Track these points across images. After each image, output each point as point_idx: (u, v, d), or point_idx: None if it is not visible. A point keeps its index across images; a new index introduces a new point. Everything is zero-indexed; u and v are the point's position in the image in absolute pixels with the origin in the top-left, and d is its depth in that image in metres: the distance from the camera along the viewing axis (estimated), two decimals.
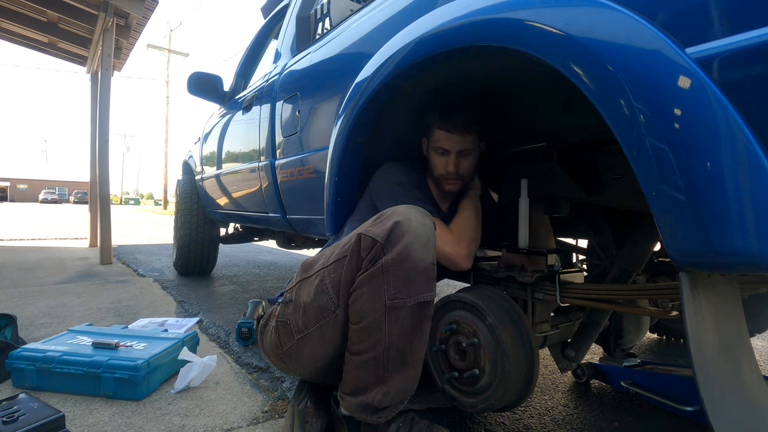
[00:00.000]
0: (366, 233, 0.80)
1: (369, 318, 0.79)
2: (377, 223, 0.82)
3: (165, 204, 23.10)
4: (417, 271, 0.78)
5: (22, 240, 5.38)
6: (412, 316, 0.79)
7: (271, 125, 1.76)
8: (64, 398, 1.12)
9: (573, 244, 1.42)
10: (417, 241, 0.78)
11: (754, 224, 0.46)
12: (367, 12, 1.24)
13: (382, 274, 0.77)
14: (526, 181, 1.09)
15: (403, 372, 0.81)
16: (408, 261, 0.77)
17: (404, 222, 0.79)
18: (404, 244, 0.77)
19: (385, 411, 0.83)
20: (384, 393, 0.81)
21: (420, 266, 0.78)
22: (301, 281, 0.92)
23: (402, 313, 0.78)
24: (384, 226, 0.79)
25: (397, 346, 0.79)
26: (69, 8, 3.95)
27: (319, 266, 0.89)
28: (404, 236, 0.77)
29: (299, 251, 4.24)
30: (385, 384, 0.81)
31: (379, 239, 0.78)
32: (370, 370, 0.81)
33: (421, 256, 0.78)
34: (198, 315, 2.00)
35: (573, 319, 1.15)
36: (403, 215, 0.80)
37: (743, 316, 0.63)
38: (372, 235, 0.79)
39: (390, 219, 0.80)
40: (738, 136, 0.46)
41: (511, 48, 0.69)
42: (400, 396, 0.83)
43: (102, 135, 3.66)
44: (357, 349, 0.82)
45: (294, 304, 0.91)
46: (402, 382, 0.82)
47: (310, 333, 0.87)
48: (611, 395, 1.24)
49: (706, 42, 0.48)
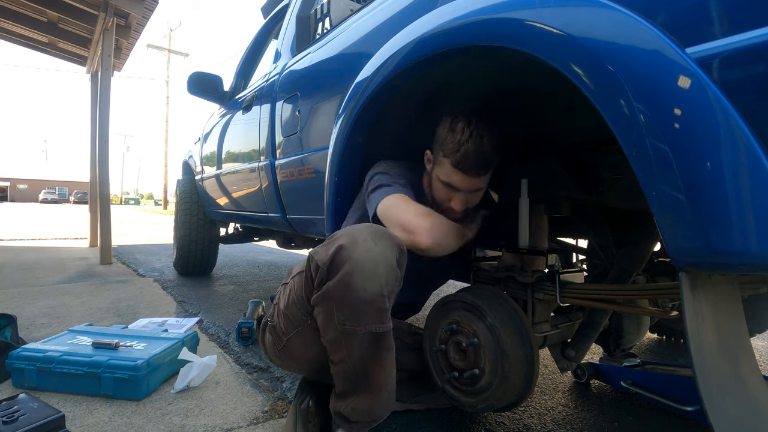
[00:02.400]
0: (313, 255, 0.78)
1: (329, 335, 0.79)
2: (325, 245, 0.79)
3: (165, 204, 23.09)
4: (360, 301, 0.73)
5: (22, 240, 5.38)
6: (368, 344, 0.77)
7: (271, 125, 1.76)
8: (64, 398, 1.12)
9: (573, 244, 1.42)
10: (359, 269, 0.72)
11: (754, 224, 0.46)
12: (367, 12, 1.24)
13: (329, 299, 0.76)
14: (526, 181, 1.08)
15: (367, 394, 0.81)
16: (349, 291, 0.73)
17: (347, 247, 0.74)
18: (344, 272, 0.73)
19: (355, 425, 0.83)
20: (352, 408, 0.81)
21: (363, 296, 0.73)
22: (283, 285, 0.94)
23: (355, 339, 0.76)
24: (329, 249, 0.76)
25: (359, 368, 0.79)
26: (69, 8, 3.95)
27: (293, 273, 0.91)
28: (345, 263, 0.73)
29: (299, 251, 4.24)
30: (354, 399, 0.81)
31: (320, 264, 0.75)
32: (345, 380, 0.82)
33: (363, 286, 0.72)
34: (198, 315, 2.00)
35: (573, 319, 1.15)
36: (348, 239, 0.75)
37: (743, 316, 0.63)
38: (317, 258, 0.77)
39: (335, 243, 0.76)
40: (738, 136, 0.46)
41: (511, 48, 0.69)
42: (366, 416, 0.82)
43: (102, 135, 3.66)
44: (332, 359, 0.83)
45: (277, 308, 0.93)
46: (366, 403, 0.81)
47: (292, 337, 0.89)
48: (611, 395, 1.24)
49: (706, 42, 0.48)
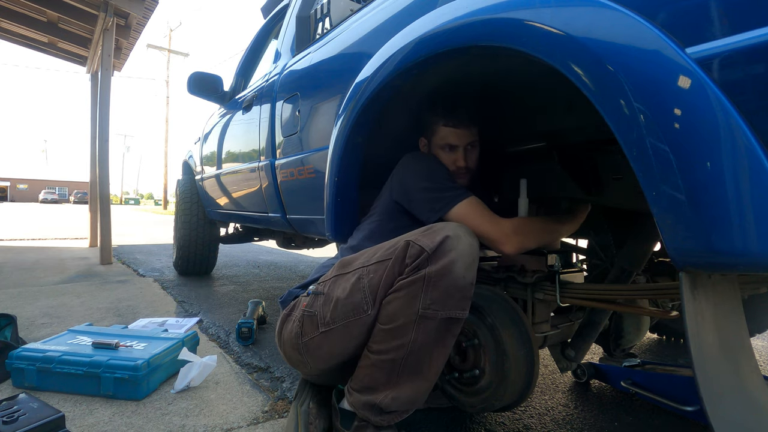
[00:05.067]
0: (415, 241, 0.82)
1: (398, 321, 0.81)
2: (427, 234, 0.83)
3: (165, 204, 23.08)
4: (456, 288, 0.79)
5: (22, 240, 5.38)
6: (438, 329, 0.81)
7: (271, 125, 1.76)
8: (64, 398, 1.12)
9: (573, 244, 1.42)
10: (462, 258, 0.80)
11: (754, 224, 0.46)
12: (367, 12, 1.24)
13: (422, 282, 0.79)
14: (526, 181, 1.09)
15: (416, 381, 0.83)
16: (450, 276, 0.78)
17: (454, 238, 0.80)
18: (450, 259, 0.79)
19: (390, 415, 0.84)
20: (393, 397, 0.83)
21: (460, 283, 0.79)
22: (337, 277, 0.92)
23: (431, 324, 0.80)
24: (434, 238, 0.81)
25: (417, 354, 0.81)
26: (69, 8, 3.95)
27: (359, 264, 0.89)
28: (452, 251, 0.79)
29: (299, 251, 4.24)
30: (396, 389, 0.83)
31: (427, 249, 0.80)
32: (384, 371, 0.83)
33: (463, 274, 0.79)
34: (198, 315, 2.00)
35: (573, 319, 1.15)
36: (453, 231, 0.82)
37: (743, 316, 0.63)
38: (421, 244, 0.81)
39: (441, 232, 0.82)
40: (738, 136, 0.46)
41: (511, 48, 0.69)
42: (408, 404, 0.85)
43: (102, 135, 3.66)
44: (378, 348, 0.83)
45: (325, 297, 0.91)
46: (413, 391, 0.83)
47: (336, 328, 0.87)
48: (611, 395, 1.24)
49: (706, 42, 0.48)
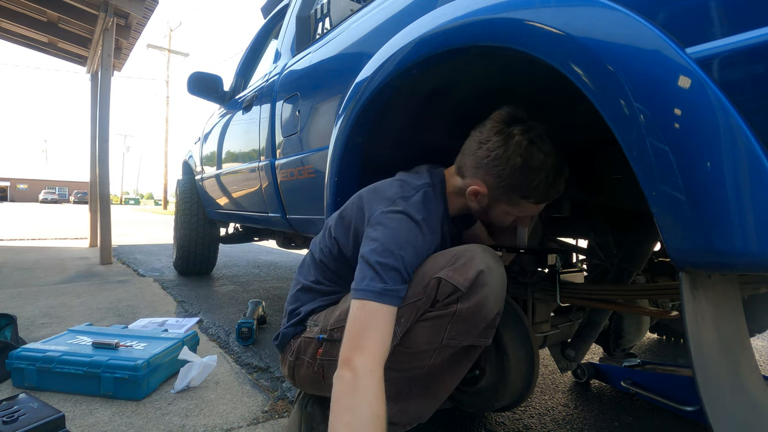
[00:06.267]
0: (447, 279, 0.77)
1: (420, 348, 0.80)
2: (459, 269, 0.77)
3: (165, 204, 23.08)
4: (483, 321, 0.78)
5: (22, 240, 5.38)
6: (457, 355, 0.80)
7: (271, 125, 1.76)
8: (64, 398, 1.12)
9: (573, 244, 1.42)
10: (494, 293, 0.77)
11: (754, 224, 0.45)
12: (367, 12, 1.24)
13: (451, 317, 0.77)
14: None
15: (426, 399, 0.83)
16: (481, 312, 0.77)
17: (487, 272, 0.77)
18: (483, 295, 0.76)
19: (394, 426, 0.84)
20: (401, 410, 0.82)
21: (489, 317, 0.78)
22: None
23: (450, 350, 0.79)
24: (467, 273, 0.76)
25: (431, 375, 0.81)
26: (69, 8, 3.95)
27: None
28: (484, 287, 0.76)
29: (299, 251, 4.23)
30: (405, 402, 0.82)
31: (461, 288, 0.76)
32: (395, 386, 0.81)
33: (494, 309, 0.78)
34: (198, 315, 2.00)
35: (573, 319, 1.15)
36: (485, 264, 0.77)
37: (743, 316, 0.63)
38: (454, 282, 0.76)
39: (473, 267, 0.77)
40: (738, 136, 0.46)
41: (511, 48, 0.69)
42: (414, 419, 0.85)
43: (102, 135, 3.66)
44: (394, 366, 0.80)
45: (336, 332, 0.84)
46: (421, 407, 0.83)
47: None
48: (611, 395, 1.24)
49: (706, 42, 0.48)
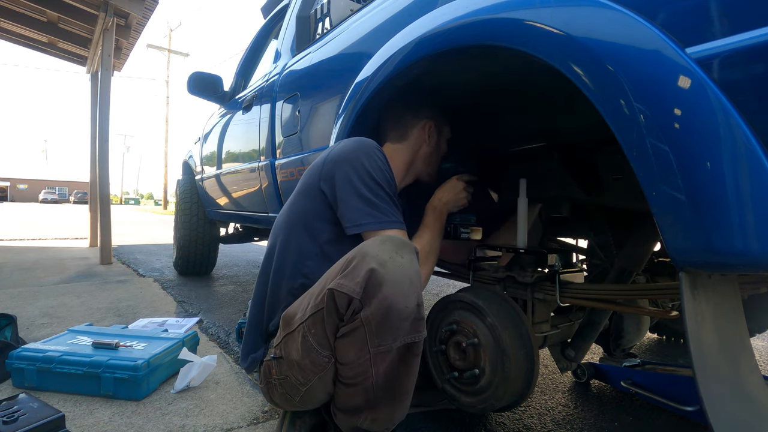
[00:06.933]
0: (338, 289, 0.73)
1: (355, 363, 0.76)
2: (348, 272, 0.73)
3: (165, 204, 23.08)
4: (402, 319, 0.72)
5: (22, 240, 5.37)
6: (399, 356, 0.76)
7: (271, 125, 1.76)
8: (64, 398, 1.12)
9: (573, 244, 1.42)
10: (397, 289, 0.71)
11: (754, 224, 0.46)
12: (367, 12, 1.24)
13: (363, 328, 0.73)
14: (525, 181, 1.09)
15: (391, 403, 0.80)
16: (390, 313, 0.71)
17: (379, 270, 0.71)
18: (383, 296, 0.70)
19: None
20: (373, 419, 0.80)
21: (404, 314, 0.72)
22: (286, 336, 0.85)
23: (388, 355, 0.75)
24: (356, 276, 0.71)
25: (384, 381, 0.77)
26: (69, 8, 3.95)
27: (298, 320, 0.82)
28: (381, 287, 0.70)
29: None
30: (374, 410, 0.80)
31: (354, 295, 0.71)
32: (359, 396, 0.80)
33: (405, 305, 0.72)
34: (198, 315, 2.00)
35: (573, 319, 1.15)
36: (376, 260, 0.71)
37: (743, 316, 0.63)
38: (345, 291, 0.72)
39: (362, 266, 0.72)
40: (738, 136, 0.46)
41: (511, 48, 0.69)
42: (387, 423, 0.82)
43: (102, 135, 3.66)
44: (347, 381, 0.80)
45: (287, 361, 0.85)
46: (389, 411, 0.81)
47: (313, 384, 0.83)
48: (611, 395, 1.24)
49: (706, 42, 0.48)
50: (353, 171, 0.87)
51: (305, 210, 0.93)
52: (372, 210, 0.86)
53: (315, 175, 0.93)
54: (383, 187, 0.89)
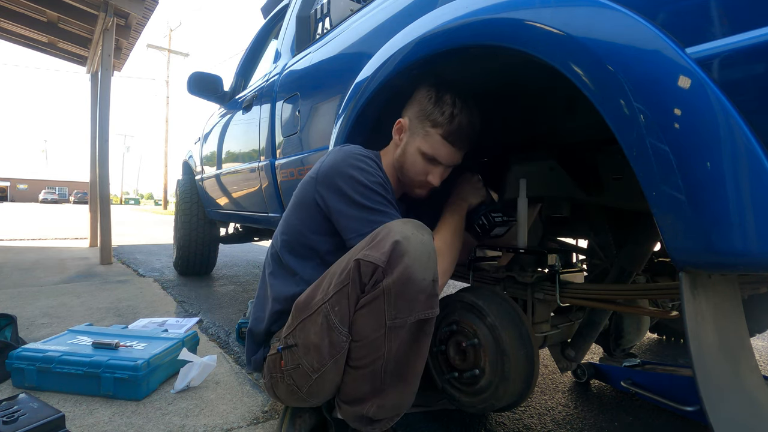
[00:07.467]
0: (365, 258, 0.77)
1: (370, 337, 0.79)
2: (374, 245, 0.78)
3: (165, 204, 23.08)
4: (419, 291, 0.76)
5: (22, 240, 5.37)
6: (411, 333, 0.79)
7: (271, 125, 1.76)
8: (64, 398, 1.12)
9: (573, 244, 1.42)
10: (418, 261, 0.76)
11: (754, 224, 0.46)
12: (367, 12, 1.24)
13: (383, 296, 0.76)
14: (525, 181, 1.09)
15: (399, 387, 0.82)
16: (410, 283, 0.75)
17: (403, 242, 0.76)
18: (405, 265, 0.75)
19: (380, 423, 0.84)
20: (379, 406, 0.82)
21: (422, 286, 0.76)
22: (302, 322, 0.87)
23: (402, 331, 0.78)
24: (382, 248, 0.76)
25: (395, 361, 0.79)
26: (69, 8, 3.95)
27: (319, 302, 0.84)
28: (404, 257, 0.75)
29: None
30: (381, 397, 0.81)
31: (379, 263, 0.76)
32: (367, 382, 0.81)
33: (422, 276, 0.76)
34: (198, 315, 2.00)
35: (573, 319, 1.15)
36: (401, 234, 0.77)
37: (743, 316, 0.63)
38: (372, 260, 0.76)
39: (388, 239, 0.77)
40: (738, 136, 0.46)
41: (511, 48, 0.69)
42: (395, 410, 0.84)
43: (102, 135, 3.66)
44: (356, 364, 0.82)
45: (302, 347, 0.86)
46: (397, 396, 0.82)
47: (327, 368, 0.84)
48: (611, 395, 1.24)
49: (706, 42, 0.48)
50: (343, 182, 0.89)
51: (302, 222, 0.96)
52: (370, 215, 0.88)
53: (310, 188, 0.95)
54: (377, 191, 0.90)
